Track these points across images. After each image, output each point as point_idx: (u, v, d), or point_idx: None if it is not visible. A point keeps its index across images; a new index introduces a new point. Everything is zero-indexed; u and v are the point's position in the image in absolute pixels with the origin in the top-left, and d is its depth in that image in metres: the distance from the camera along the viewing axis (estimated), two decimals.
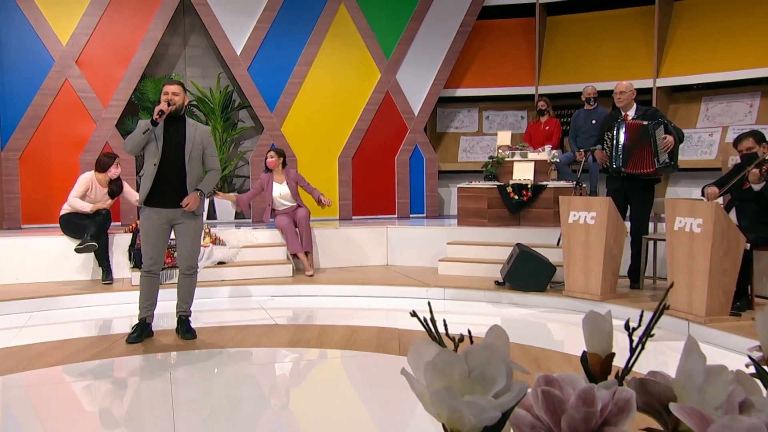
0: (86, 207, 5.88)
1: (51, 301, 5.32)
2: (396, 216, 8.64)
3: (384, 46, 8.47)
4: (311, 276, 6.29)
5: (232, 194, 6.88)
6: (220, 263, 6.16)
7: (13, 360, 3.81)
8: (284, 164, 6.73)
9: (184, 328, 4.31)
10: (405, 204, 8.68)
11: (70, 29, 7.33)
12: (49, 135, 7.33)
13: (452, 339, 0.67)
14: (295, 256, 6.43)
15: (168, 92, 4.17)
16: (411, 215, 8.69)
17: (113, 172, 6.04)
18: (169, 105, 4.14)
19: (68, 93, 7.36)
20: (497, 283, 5.75)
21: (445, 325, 0.70)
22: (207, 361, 3.91)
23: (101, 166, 6.02)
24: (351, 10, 8.27)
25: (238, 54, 7.94)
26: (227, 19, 7.86)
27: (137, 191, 5.69)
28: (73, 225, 5.91)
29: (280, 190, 6.63)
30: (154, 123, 4.09)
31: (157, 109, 4.09)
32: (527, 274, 5.46)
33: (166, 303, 4.73)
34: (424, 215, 8.73)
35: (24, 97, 7.24)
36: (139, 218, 4.30)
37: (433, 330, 0.67)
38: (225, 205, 8.03)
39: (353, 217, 8.47)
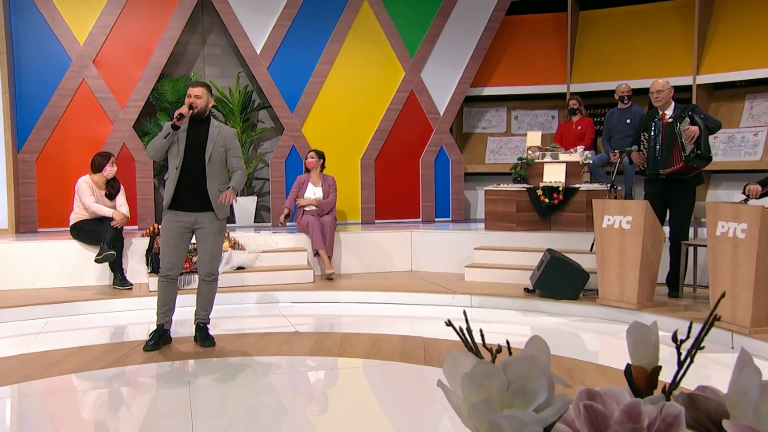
0: (108, 211, 5.96)
1: (67, 306, 5.41)
2: (420, 220, 8.63)
3: (408, 44, 8.48)
4: (331, 275, 6.34)
5: (285, 211, 6.93)
6: (239, 268, 6.22)
7: (30, 367, 3.88)
8: (323, 167, 6.82)
9: (203, 336, 4.35)
10: (430, 207, 8.66)
11: (87, 28, 7.47)
12: (66, 136, 7.47)
13: (489, 350, 0.67)
14: (316, 254, 6.47)
15: (191, 95, 4.22)
16: (436, 219, 8.67)
17: (109, 171, 6.09)
18: (190, 108, 4.18)
19: (85, 93, 7.50)
20: (527, 290, 5.71)
21: (482, 335, 0.69)
22: (226, 370, 3.94)
23: (96, 166, 6.07)
24: (374, 7, 8.30)
25: (258, 53, 8.01)
26: (247, 17, 7.94)
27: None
28: (86, 233, 6.00)
29: (315, 192, 6.72)
30: (175, 127, 4.14)
31: (177, 112, 4.14)
32: (558, 281, 5.41)
33: (184, 309, 4.78)
34: (450, 219, 8.71)
35: (41, 98, 7.39)
36: (160, 221, 4.36)
37: (469, 340, 0.67)
38: (244, 208, 8.10)
39: (376, 221, 8.47)
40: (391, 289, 6.02)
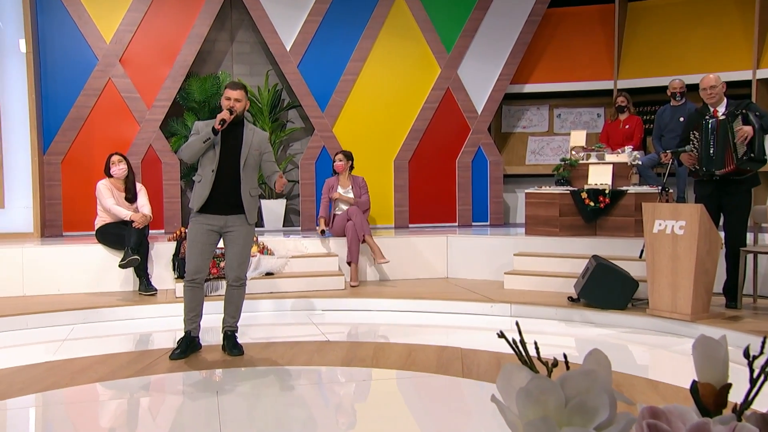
0: (127, 213, 6.09)
1: (93, 313, 5.53)
2: (457, 224, 8.61)
3: (445, 39, 8.47)
4: (356, 286, 6.41)
5: (321, 222, 6.99)
6: (268, 274, 6.27)
7: (55, 375, 3.97)
8: (352, 168, 6.87)
9: (231, 344, 4.40)
10: (467, 211, 8.63)
11: (114, 26, 7.64)
12: (92, 138, 7.64)
13: (545, 363, 0.66)
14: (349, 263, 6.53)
15: (230, 98, 4.28)
16: (473, 223, 8.64)
17: (116, 170, 6.22)
18: (231, 113, 4.25)
19: (112, 93, 7.66)
20: (571, 299, 5.64)
21: (537, 348, 0.69)
22: (255, 380, 3.97)
23: (105, 169, 6.27)
24: (409, 1, 8.32)
25: (288, 50, 8.09)
26: (276, 13, 8.03)
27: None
28: (111, 236, 6.13)
29: (346, 195, 6.79)
30: (215, 132, 4.20)
31: (219, 117, 4.21)
32: (605, 289, 5.34)
33: (212, 317, 4.84)
34: (488, 223, 8.67)
35: (67, 98, 7.58)
36: (187, 225, 4.42)
37: (523, 353, 0.66)
38: (272, 211, 8.18)
39: (410, 225, 8.47)
40: (427, 296, 6.01)
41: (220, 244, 4.50)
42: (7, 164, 7.32)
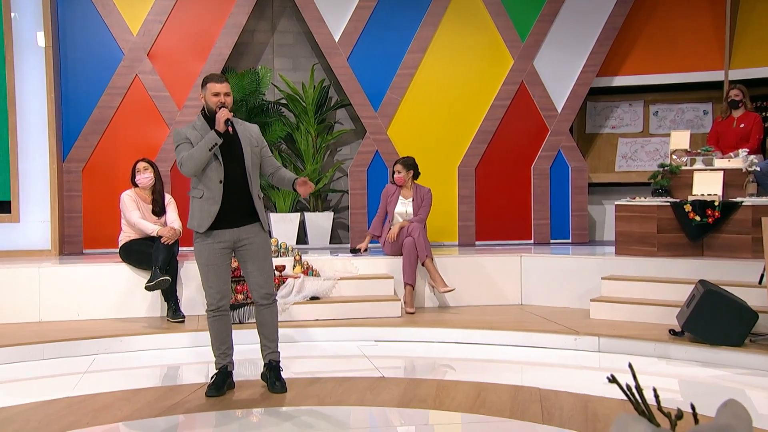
0: (154, 228, 6.22)
1: (117, 342, 5.65)
2: (532, 242, 8.54)
3: (519, 25, 8.43)
4: (413, 314, 6.41)
5: (366, 239, 7.09)
6: (313, 298, 6.31)
7: (76, 413, 4.06)
8: (416, 176, 6.90)
9: (275, 376, 4.42)
10: (544, 226, 8.53)
11: (141, 15, 7.88)
12: (116, 142, 7.87)
13: (667, 415, 0.63)
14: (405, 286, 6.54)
15: (219, 92, 4.34)
16: (552, 241, 8.55)
17: (141, 179, 6.36)
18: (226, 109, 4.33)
19: (138, 92, 7.89)
20: (673, 332, 5.51)
21: (657, 396, 0.66)
22: (299, 422, 3.99)
23: (131, 177, 6.43)
24: None
25: (337, 40, 8.19)
26: None
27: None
28: (136, 254, 6.26)
29: (406, 208, 6.82)
30: (220, 134, 4.24)
31: (222, 117, 4.24)
32: (715, 321, 5.19)
33: (240, 347, 4.87)
34: (570, 241, 8.58)
35: (89, 98, 7.83)
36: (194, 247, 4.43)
37: (641, 401, 0.64)
38: (318, 226, 8.25)
39: (476, 243, 8.42)
40: (497, 326, 5.96)
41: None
42: (23, 172, 7.56)
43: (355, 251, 7.05)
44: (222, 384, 4.37)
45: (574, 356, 5.46)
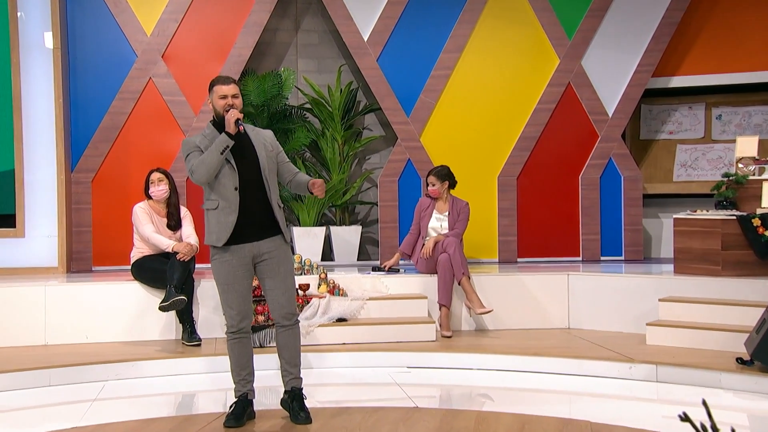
0: (169, 244, 6.27)
1: (128, 367, 5.70)
2: (581, 259, 8.49)
3: (565, 21, 8.41)
4: (449, 337, 6.41)
5: (395, 256, 7.11)
6: (340, 320, 6.32)
7: None
8: (452, 186, 6.93)
9: (298, 406, 4.42)
10: (594, 242, 8.48)
11: (156, 14, 7.98)
12: (128, 151, 7.96)
13: None
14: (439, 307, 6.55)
15: (227, 95, 4.38)
16: (603, 258, 8.49)
17: (156, 191, 6.42)
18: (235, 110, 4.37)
19: (152, 96, 7.98)
20: (741, 361, 5.43)
21: None
22: None
23: (145, 189, 6.50)
24: None
25: (366, 39, 8.23)
26: None
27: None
28: (150, 272, 6.32)
29: (441, 223, 6.85)
30: (232, 136, 4.27)
31: (232, 117, 4.28)
32: None
33: (260, 373, 4.89)
34: (623, 258, 8.52)
35: (99, 103, 7.94)
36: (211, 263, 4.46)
37: None
38: (345, 241, 8.27)
39: (518, 260, 8.39)
40: (542, 353, 5.93)
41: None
42: (29, 183, 7.64)
43: (378, 269, 7.04)
44: (242, 414, 4.37)
45: (629, 386, 5.41)
